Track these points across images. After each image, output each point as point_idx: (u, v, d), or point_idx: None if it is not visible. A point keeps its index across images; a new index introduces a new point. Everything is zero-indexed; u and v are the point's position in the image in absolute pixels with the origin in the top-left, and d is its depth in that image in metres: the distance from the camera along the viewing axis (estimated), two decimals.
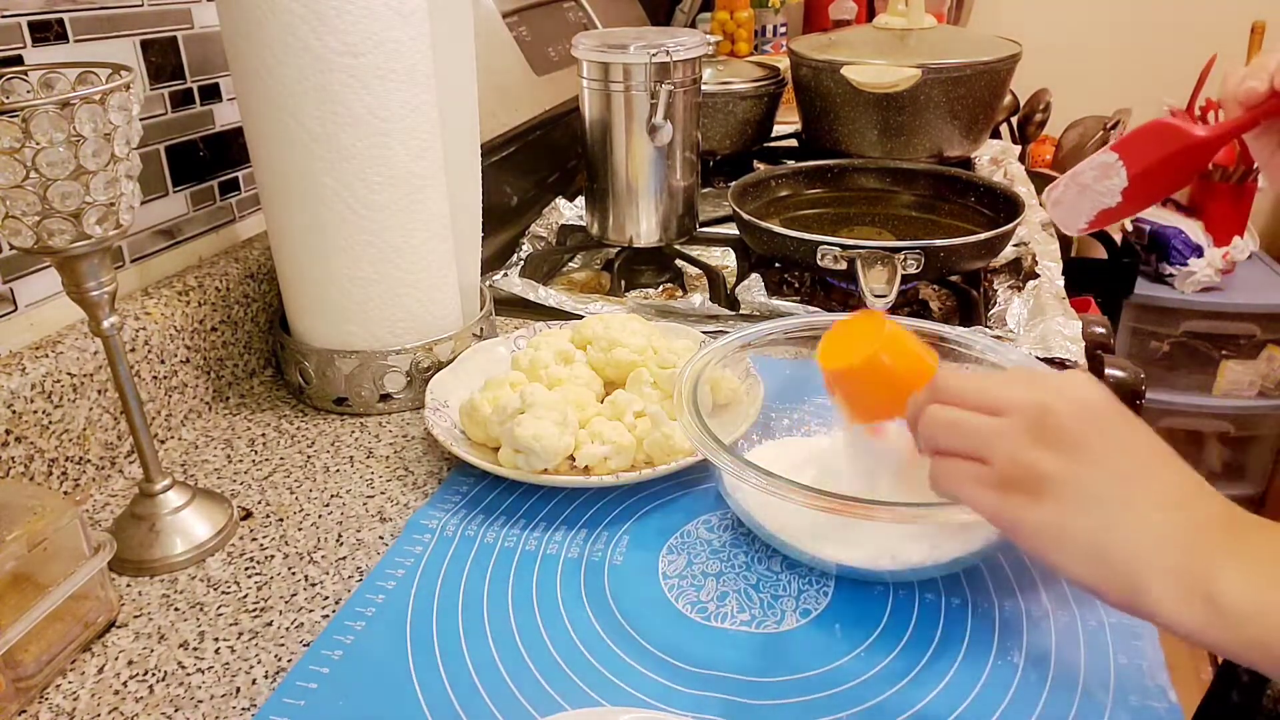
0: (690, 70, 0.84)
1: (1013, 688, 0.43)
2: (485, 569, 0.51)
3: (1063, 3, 2.15)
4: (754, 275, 0.82)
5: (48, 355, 0.56)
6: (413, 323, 0.68)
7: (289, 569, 0.52)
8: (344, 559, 0.53)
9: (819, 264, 0.77)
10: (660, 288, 0.91)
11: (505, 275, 0.86)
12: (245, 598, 0.50)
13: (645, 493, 0.58)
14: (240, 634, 0.47)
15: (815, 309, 0.80)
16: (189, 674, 0.45)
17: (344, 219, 0.63)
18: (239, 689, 0.44)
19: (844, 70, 1.05)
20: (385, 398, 0.68)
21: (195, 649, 0.47)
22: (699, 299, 0.81)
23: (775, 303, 0.79)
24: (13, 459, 0.53)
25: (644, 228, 0.89)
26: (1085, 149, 1.89)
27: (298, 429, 0.67)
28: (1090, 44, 2.14)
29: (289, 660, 0.46)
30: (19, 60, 0.56)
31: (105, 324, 0.49)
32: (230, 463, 0.63)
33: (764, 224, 0.81)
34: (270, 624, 0.48)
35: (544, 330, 0.70)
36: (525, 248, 0.97)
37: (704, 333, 0.69)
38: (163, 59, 0.66)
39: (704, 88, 0.91)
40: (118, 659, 0.46)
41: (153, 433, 0.62)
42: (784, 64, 1.26)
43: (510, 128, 0.99)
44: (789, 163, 1.06)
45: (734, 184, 0.91)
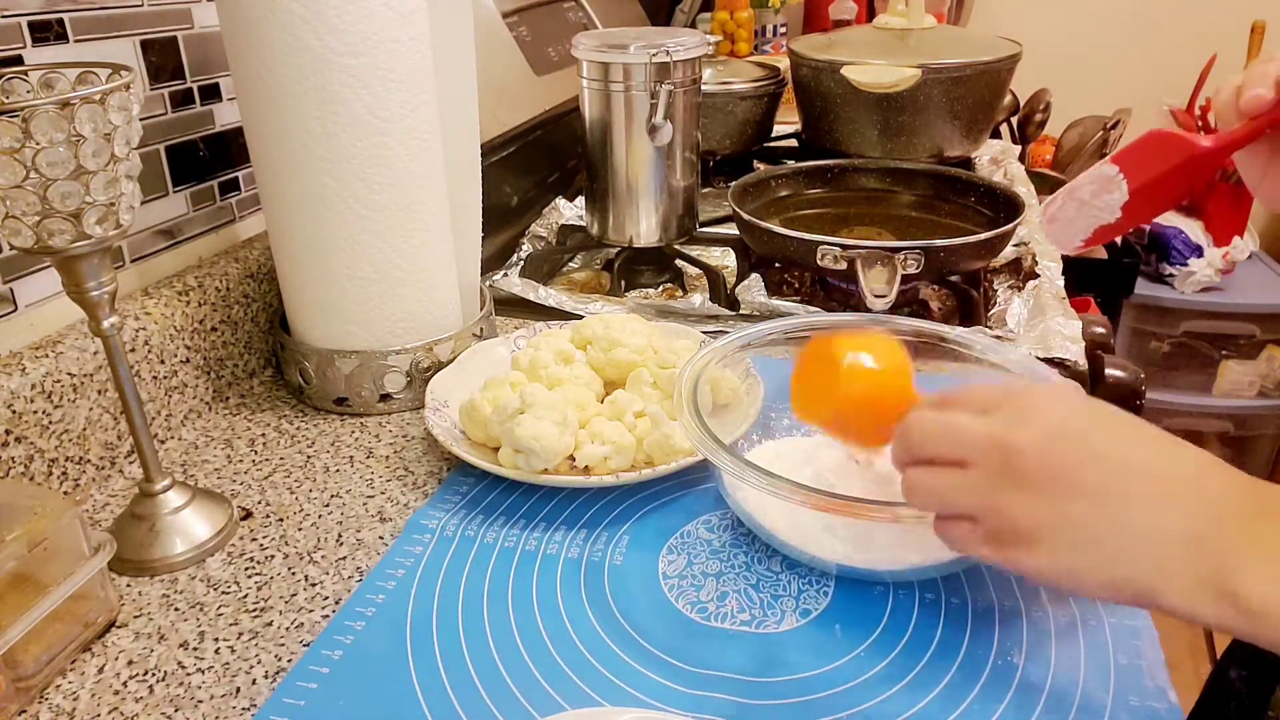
0: (690, 70, 0.84)
1: (1013, 688, 0.43)
2: (485, 569, 0.51)
3: (1063, 3, 2.15)
4: (754, 275, 0.82)
5: (48, 355, 0.56)
6: (413, 323, 0.68)
7: (289, 569, 0.52)
8: (344, 559, 0.53)
9: (819, 264, 0.77)
10: (660, 288, 0.91)
11: (505, 275, 0.86)
12: (245, 598, 0.50)
13: (645, 493, 0.58)
14: (240, 634, 0.47)
15: (815, 309, 0.80)
16: (189, 674, 0.45)
17: (344, 219, 0.63)
18: (239, 689, 0.44)
19: (844, 70, 1.05)
20: (385, 398, 0.68)
21: (195, 649, 0.47)
22: (699, 299, 0.81)
23: (775, 303, 0.79)
24: (13, 459, 0.53)
25: (644, 228, 0.89)
26: (1085, 149, 1.89)
27: (298, 429, 0.67)
28: (1090, 44, 2.14)
29: (289, 660, 0.46)
30: (19, 60, 0.56)
31: (105, 324, 0.49)
32: (230, 463, 0.63)
33: (764, 224, 0.81)
34: (270, 624, 0.48)
35: (544, 330, 0.70)
36: (525, 248, 0.97)
37: (704, 333, 0.69)
38: (163, 59, 0.66)
39: (704, 88, 0.91)
40: (118, 659, 0.46)
41: (153, 433, 0.62)
42: (784, 64, 1.26)
43: (510, 128, 0.99)
44: (789, 163, 1.06)
45: (734, 184, 0.91)
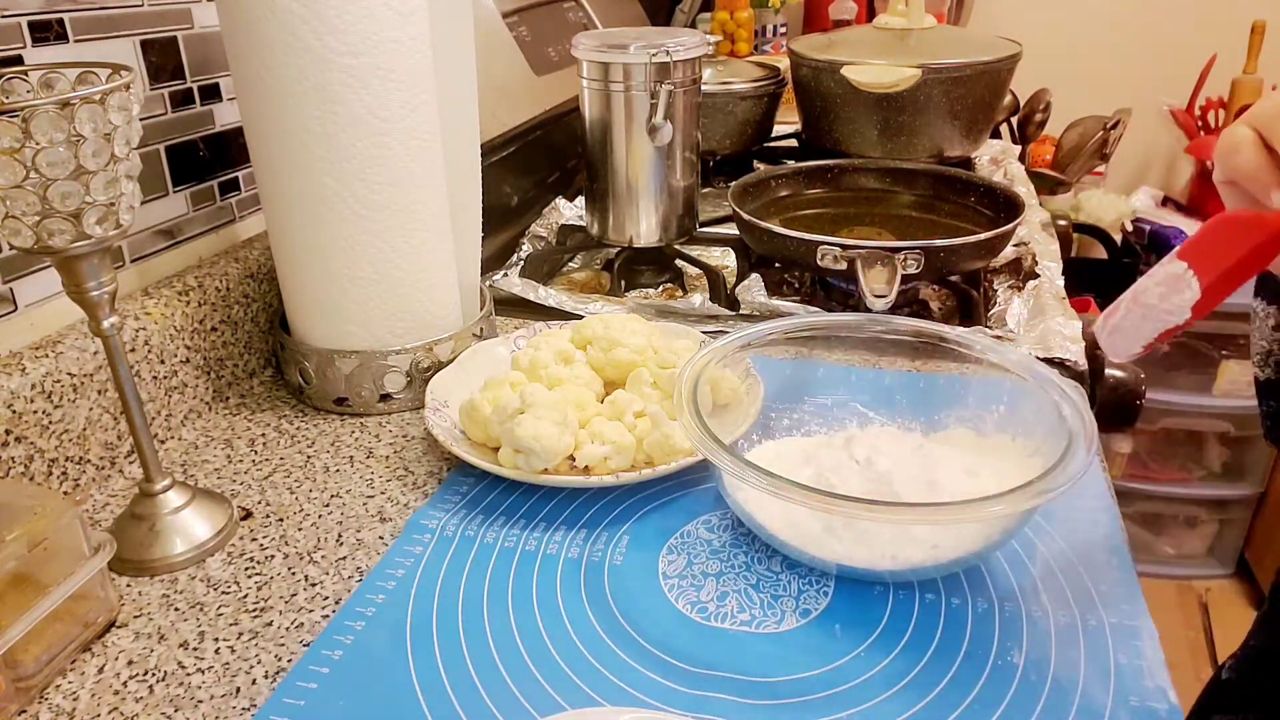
0: (690, 70, 0.84)
1: (1013, 688, 0.43)
2: (485, 569, 0.51)
3: (1063, 3, 2.15)
4: (754, 275, 0.82)
5: (48, 355, 0.56)
6: (413, 323, 0.68)
7: (289, 569, 0.52)
8: (344, 559, 0.53)
9: (819, 264, 0.77)
10: (660, 288, 0.91)
11: (505, 275, 0.86)
12: (245, 598, 0.50)
13: (645, 493, 0.58)
14: (240, 634, 0.47)
15: (815, 309, 0.80)
16: (189, 674, 0.45)
17: (344, 219, 0.63)
18: (239, 689, 0.44)
19: (844, 70, 1.05)
20: (385, 398, 0.68)
21: (195, 649, 0.47)
22: (699, 299, 0.81)
23: (775, 303, 0.79)
24: (13, 459, 0.53)
25: (644, 228, 0.89)
26: (1085, 149, 1.89)
27: (298, 429, 0.67)
28: (1090, 44, 2.14)
29: (289, 660, 0.46)
30: (19, 60, 0.56)
31: (105, 324, 0.49)
32: (230, 463, 0.63)
33: (764, 224, 0.81)
34: (270, 624, 0.48)
35: (544, 330, 0.70)
36: (525, 248, 0.97)
37: (704, 333, 0.69)
38: (163, 59, 0.66)
39: (704, 88, 0.91)
40: (118, 659, 0.46)
41: (153, 433, 0.63)
42: (784, 64, 1.26)
43: (510, 128, 0.99)
44: (789, 163, 1.06)
45: (734, 184, 0.91)
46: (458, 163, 0.70)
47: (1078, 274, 1.75)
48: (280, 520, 0.56)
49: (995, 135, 1.40)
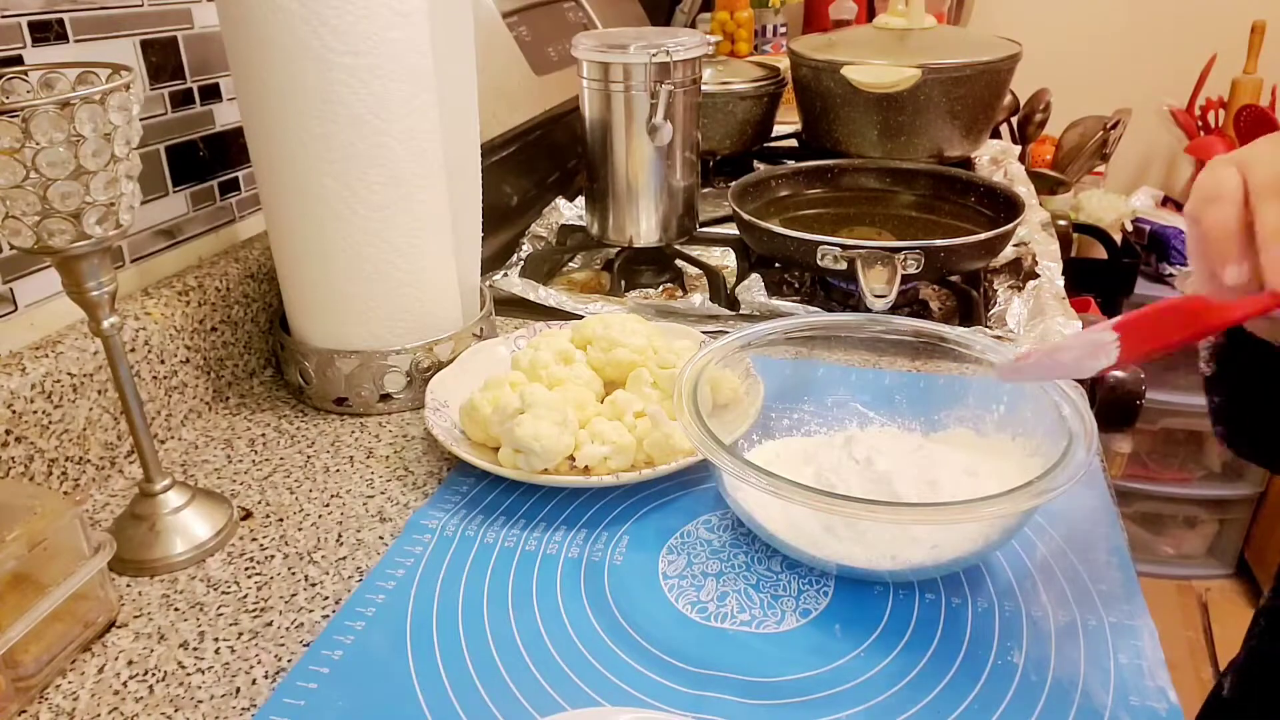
0: (690, 70, 0.84)
1: (1013, 688, 0.43)
2: (485, 569, 0.51)
3: (1063, 3, 2.15)
4: (754, 275, 0.82)
5: (48, 355, 0.56)
6: (413, 323, 0.68)
7: (289, 569, 0.52)
8: (344, 559, 0.53)
9: (819, 264, 0.77)
10: (660, 288, 0.91)
11: (505, 275, 0.86)
12: (245, 598, 0.50)
13: (645, 493, 0.58)
14: (240, 634, 0.47)
15: (815, 309, 0.80)
16: (189, 674, 0.45)
17: (344, 219, 0.63)
18: (239, 689, 0.44)
19: (844, 70, 1.05)
20: (385, 398, 0.68)
21: (195, 649, 0.47)
22: (699, 299, 0.81)
23: (775, 303, 0.79)
24: (13, 459, 0.53)
25: (644, 228, 0.89)
26: (1085, 149, 1.89)
27: (298, 429, 0.67)
28: (1090, 44, 2.14)
29: (289, 660, 0.46)
30: (19, 60, 0.56)
31: (105, 324, 0.49)
32: (230, 463, 0.63)
33: (764, 224, 0.81)
34: (270, 624, 0.48)
35: (544, 330, 0.70)
36: (525, 248, 0.97)
37: (704, 333, 0.69)
38: (163, 59, 0.66)
39: (704, 88, 0.91)
40: (118, 659, 0.46)
41: (153, 433, 0.62)
42: (784, 64, 1.26)
43: (510, 128, 0.99)
44: (789, 163, 1.06)
45: (734, 184, 0.91)
46: (458, 163, 0.70)
47: (1078, 274, 1.76)
48: (280, 520, 0.56)
49: (995, 135, 1.40)
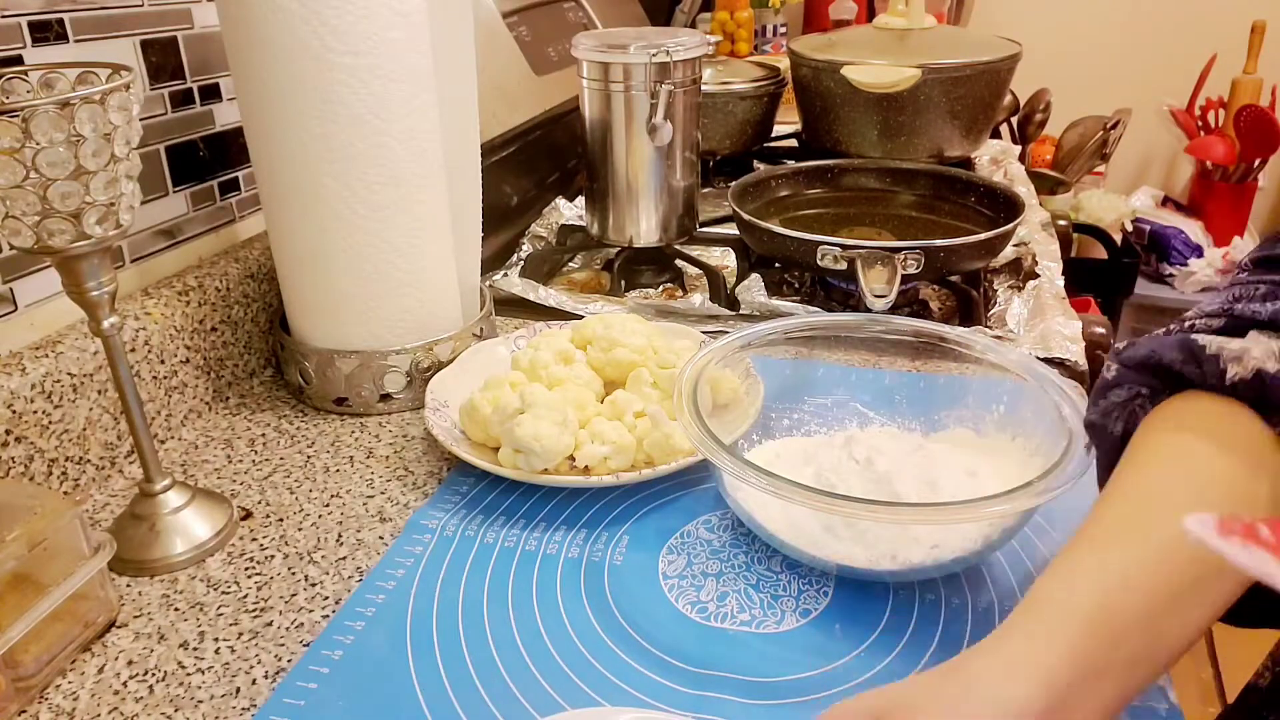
0: (690, 70, 0.84)
1: None
2: (485, 569, 0.51)
3: (1063, 3, 2.15)
4: (754, 275, 0.82)
5: (48, 355, 0.56)
6: (413, 323, 0.68)
7: (289, 569, 0.52)
8: (344, 559, 0.53)
9: (819, 264, 0.77)
10: (660, 288, 0.91)
11: (505, 275, 0.86)
12: (245, 598, 0.50)
13: (645, 493, 0.58)
14: (240, 634, 0.47)
15: (815, 309, 0.80)
16: (189, 674, 0.45)
17: (344, 219, 0.63)
18: (239, 689, 0.44)
19: (844, 70, 1.05)
20: (385, 398, 0.68)
21: (195, 649, 0.47)
22: (699, 299, 0.81)
23: (775, 303, 0.79)
24: (13, 459, 0.53)
25: (644, 228, 0.89)
26: (1085, 149, 1.89)
27: (298, 429, 0.67)
28: (1090, 44, 2.14)
29: (289, 660, 0.46)
30: (19, 60, 0.56)
31: (105, 324, 0.49)
32: (230, 463, 0.63)
33: (764, 224, 0.81)
34: (270, 624, 0.48)
35: (544, 330, 0.70)
36: (525, 248, 0.97)
37: (704, 333, 0.69)
38: (163, 59, 0.66)
39: (704, 88, 0.91)
40: (118, 659, 0.46)
41: (153, 433, 0.62)
42: (784, 64, 1.26)
43: (510, 128, 0.99)
44: (789, 163, 1.06)
45: (734, 184, 0.91)
46: (458, 162, 0.70)
47: (1078, 274, 1.76)
48: (280, 520, 0.56)
49: (995, 135, 1.40)
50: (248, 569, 0.52)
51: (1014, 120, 1.90)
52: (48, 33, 0.57)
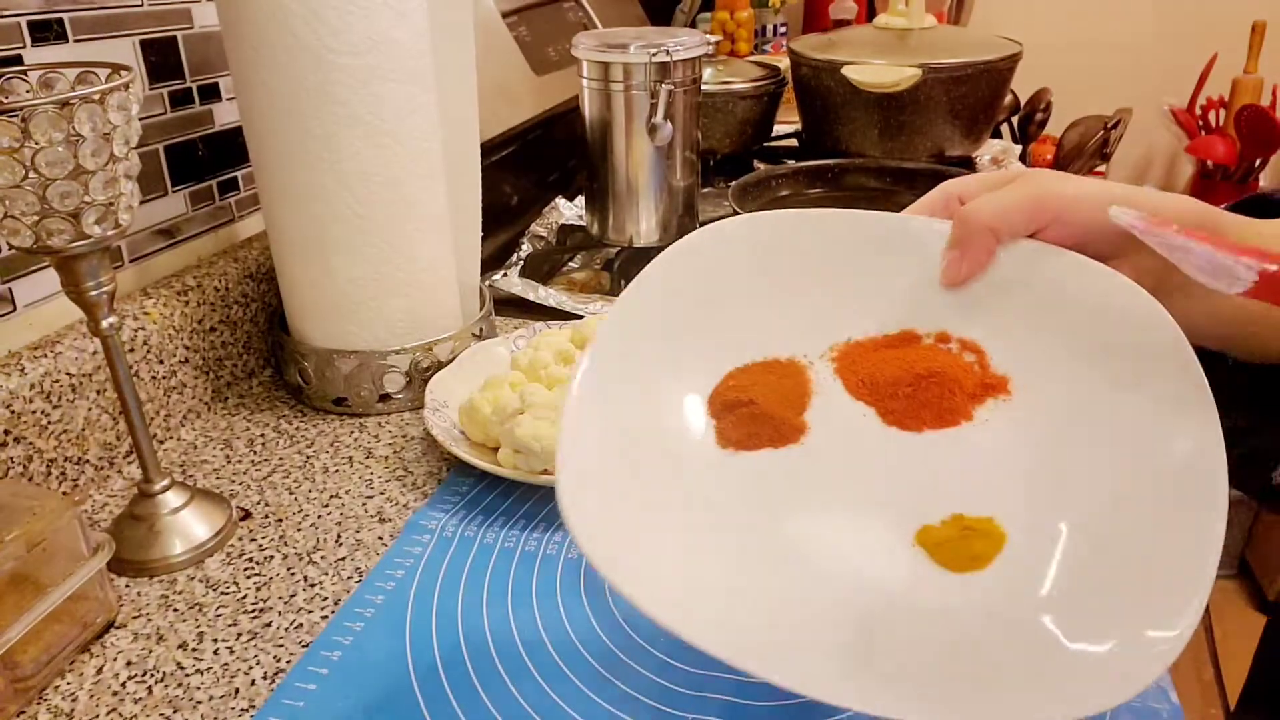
0: (690, 70, 0.84)
1: None
2: (485, 570, 0.51)
3: (1063, 3, 2.15)
4: None
5: (46, 355, 0.56)
6: (412, 323, 0.68)
7: (288, 569, 0.52)
8: (343, 559, 0.53)
9: None
10: None
11: (505, 275, 0.86)
12: (244, 598, 0.50)
13: None
14: (239, 635, 0.47)
15: None
16: (188, 675, 0.45)
17: (344, 219, 0.63)
18: (238, 690, 0.44)
19: (844, 70, 1.05)
20: (385, 398, 0.68)
21: (194, 650, 0.46)
22: None
23: None
24: (11, 459, 0.53)
25: (644, 227, 0.89)
26: (1086, 149, 1.89)
27: (297, 429, 0.67)
28: (1091, 44, 2.14)
29: (288, 661, 0.45)
30: (19, 60, 0.55)
31: (104, 324, 0.49)
32: (229, 463, 0.63)
33: None
34: (269, 624, 0.48)
35: (544, 330, 0.70)
36: (525, 248, 0.97)
37: None
38: (163, 59, 0.66)
39: (704, 88, 0.91)
40: (116, 660, 0.46)
41: (152, 433, 0.62)
42: (784, 64, 1.26)
43: (510, 127, 0.99)
44: (789, 162, 1.06)
45: (734, 184, 0.91)
46: (458, 162, 0.70)
47: None
48: (279, 521, 0.56)
49: (996, 135, 1.40)
50: (247, 569, 0.52)
51: (1015, 120, 1.90)
52: (47, 32, 0.57)
